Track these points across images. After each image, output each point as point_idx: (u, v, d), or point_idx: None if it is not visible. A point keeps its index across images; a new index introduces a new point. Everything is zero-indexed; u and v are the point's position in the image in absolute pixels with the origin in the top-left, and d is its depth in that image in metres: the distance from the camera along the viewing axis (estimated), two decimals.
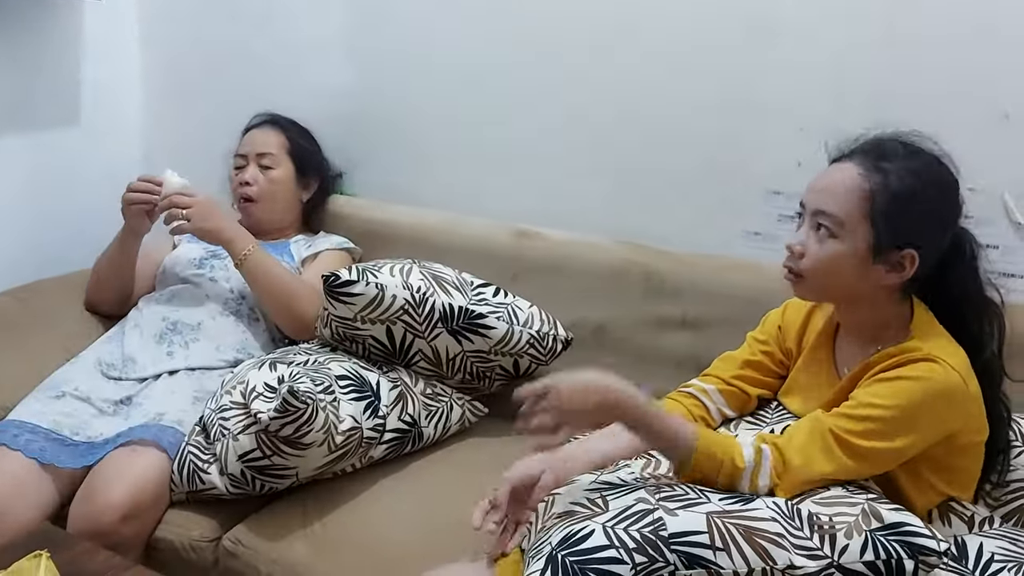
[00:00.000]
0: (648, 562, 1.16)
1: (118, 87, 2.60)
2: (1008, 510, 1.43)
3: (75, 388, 1.83)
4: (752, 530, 1.18)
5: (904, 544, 1.18)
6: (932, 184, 1.31)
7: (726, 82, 1.90)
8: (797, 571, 1.17)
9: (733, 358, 1.56)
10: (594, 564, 1.17)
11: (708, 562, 1.16)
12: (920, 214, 1.29)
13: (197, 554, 1.64)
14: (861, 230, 1.30)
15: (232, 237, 1.94)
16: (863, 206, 1.29)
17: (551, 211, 2.11)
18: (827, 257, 1.32)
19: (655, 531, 1.18)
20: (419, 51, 2.25)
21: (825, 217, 1.32)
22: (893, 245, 1.29)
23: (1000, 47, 1.66)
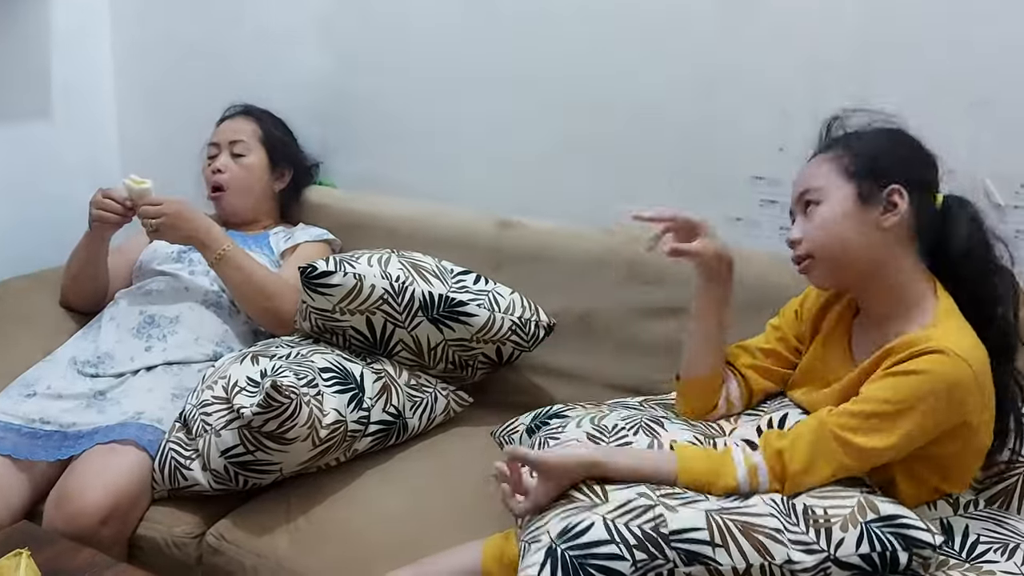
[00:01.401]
0: (648, 559, 1.17)
1: (89, 80, 2.57)
2: (992, 492, 1.43)
3: (47, 387, 1.80)
4: (750, 526, 1.18)
5: (899, 536, 1.19)
6: (894, 136, 1.37)
7: (706, 66, 1.89)
8: (795, 566, 1.17)
9: (749, 346, 1.55)
10: (594, 560, 1.17)
11: (707, 559, 1.17)
12: (892, 156, 1.35)
13: (180, 551, 1.62)
14: (842, 187, 1.34)
15: (205, 240, 1.91)
16: (837, 168, 1.35)
17: (533, 200, 2.10)
18: (820, 224, 1.35)
19: (656, 528, 1.18)
20: (396, 39, 2.23)
21: (808, 194, 1.37)
22: (876, 186, 1.32)
23: (978, 29, 1.66)
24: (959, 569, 1.21)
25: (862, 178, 1.33)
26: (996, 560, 1.26)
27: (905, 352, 1.26)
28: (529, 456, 1.30)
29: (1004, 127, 1.66)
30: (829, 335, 1.46)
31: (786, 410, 1.44)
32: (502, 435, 1.62)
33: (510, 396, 1.96)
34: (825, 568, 1.18)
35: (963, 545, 1.29)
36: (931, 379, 1.23)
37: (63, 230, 2.12)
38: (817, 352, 1.47)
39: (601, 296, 1.93)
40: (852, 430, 1.25)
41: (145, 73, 2.60)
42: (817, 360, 1.47)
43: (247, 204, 2.16)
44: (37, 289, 2.17)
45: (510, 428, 1.61)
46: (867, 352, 1.35)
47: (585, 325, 1.93)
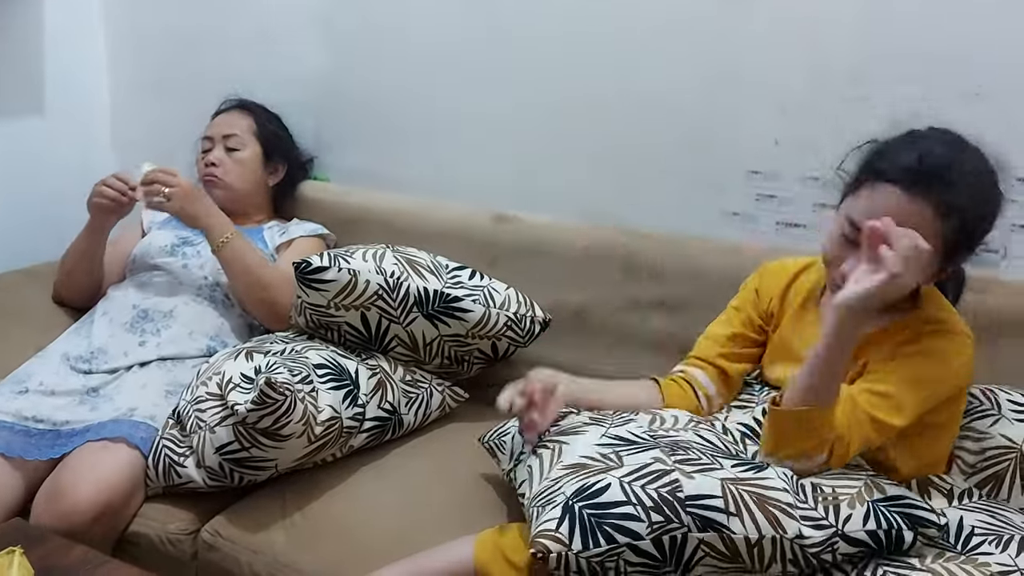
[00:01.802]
0: (664, 521, 1.18)
1: (83, 74, 2.57)
2: (983, 477, 1.45)
3: (40, 383, 1.79)
4: (765, 498, 1.20)
5: (905, 516, 1.22)
6: (990, 198, 1.32)
7: (703, 60, 1.89)
8: (805, 541, 1.19)
9: (715, 335, 1.58)
10: (611, 519, 1.18)
11: (721, 526, 1.18)
12: (984, 227, 1.33)
13: (175, 547, 1.61)
14: (932, 260, 1.28)
15: (212, 223, 1.92)
16: (940, 237, 1.27)
17: (529, 194, 2.09)
18: (894, 287, 1.27)
19: (672, 492, 1.20)
20: (391, 33, 2.23)
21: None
22: (959, 261, 1.36)
23: (973, 23, 1.66)
24: (955, 561, 1.22)
25: (951, 256, 1.31)
26: (991, 552, 1.27)
27: (915, 331, 1.34)
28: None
29: (1000, 121, 1.66)
30: (801, 311, 1.49)
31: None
32: (491, 440, 1.62)
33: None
34: (833, 543, 1.20)
35: (958, 537, 1.30)
36: (947, 360, 1.34)
37: (56, 225, 2.12)
38: (790, 328, 1.50)
39: (597, 291, 1.92)
40: (884, 409, 1.30)
41: (138, 68, 2.59)
42: (792, 335, 1.50)
43: (240, 198, 2.15)
44: (29, 284, 2.16)
45: (500, 431, 1.61)
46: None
47: (580, 320, 1.93)
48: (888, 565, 1.21)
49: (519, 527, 1.36)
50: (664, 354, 1.82)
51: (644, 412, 1.45)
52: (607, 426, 1.41)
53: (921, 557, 1.22)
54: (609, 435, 1.36)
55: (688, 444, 1.33)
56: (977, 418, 1.47)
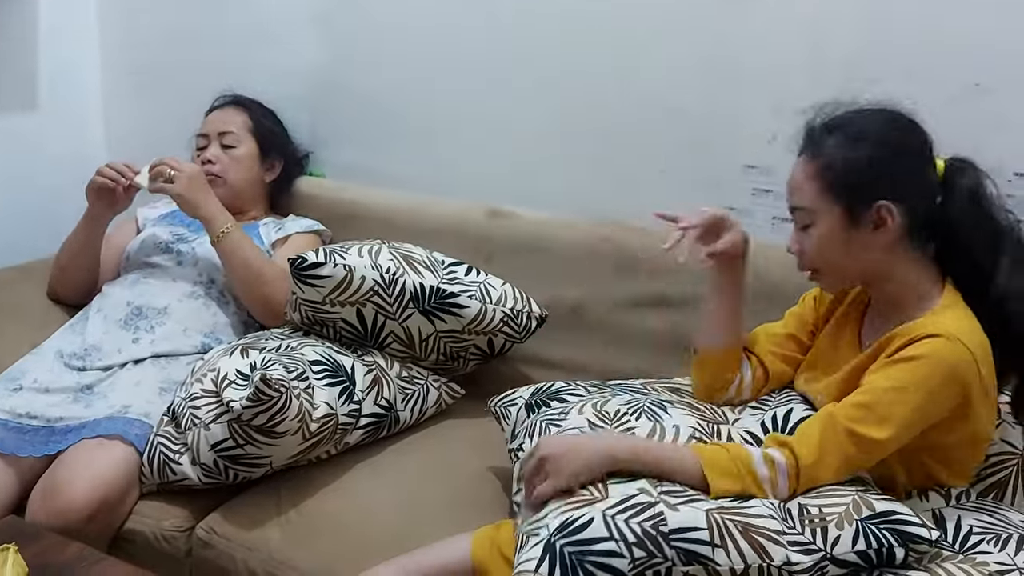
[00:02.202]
0: (647, 557, 1.16)
1: (77, 71, 2.56)
2: (986, 485, 1.43)
3: (34, 380, 1.78)
4: (750, 527, 1.18)
5: (895, 532, 1.19)
6: (877, 139, 1.32)
7: (700, 56, 1.89)
8: (793, 567, 1.17)
9: (771, 331, 1.56)
10: (592, 556, 1.16)
11: (706, 559, 1.16)
12: (875, 168, 1.31)
13: (170, 544, 1.61)
14: (829, 208, 1.32)
15: (213, 214, 1.91)
16: (819, 186, 1.32)
17: (525, 190, 2.09)
18: (816, 245, 1.35)
19: (655, 526, 1.18)
20: (386, 28, 2.22)
21: (799, 212, 1.36)
22: (862, 206, 1.30)
23: (971, 19, 1.66)
24: (952, 561, 1.21)
25: (847, 199, 1.31)
26: (989, 551, 1.26)
27: (904, 339, 1.28)
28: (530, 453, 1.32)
29: (997, 116, 1.66)
30: (840, 322, 1.47)
31: (791, 404, 1.44)
32: (499, 406, 1.62)
33: (502, 388, 1.93)
34: (823, 567, 1.18)
35: (956, 536, 1.29)
36: (929, 363, 1.25)
37: (50, 222, 2.11)
38: (828, 338, 1.48)
39: (593, 287, 1.92)
40: (858, 421, 1.26)
41: (132, 63, 2.58)
42: (827, 346, 1.48)
43: (237, 195, 2.14)
44: (23, 280, 2.15)
45: (508, 399, 1.61)
46: (872, 335, 1.38)
47: (577, 316, 1.93)
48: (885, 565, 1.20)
49: (516, 524, 1.36)
50: (660, 350, 1.82)
51: (647, 417, 1.42)
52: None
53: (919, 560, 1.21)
54: None
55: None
56: None
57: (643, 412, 1.44)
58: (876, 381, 1.28)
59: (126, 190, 1.95)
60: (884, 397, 1.26)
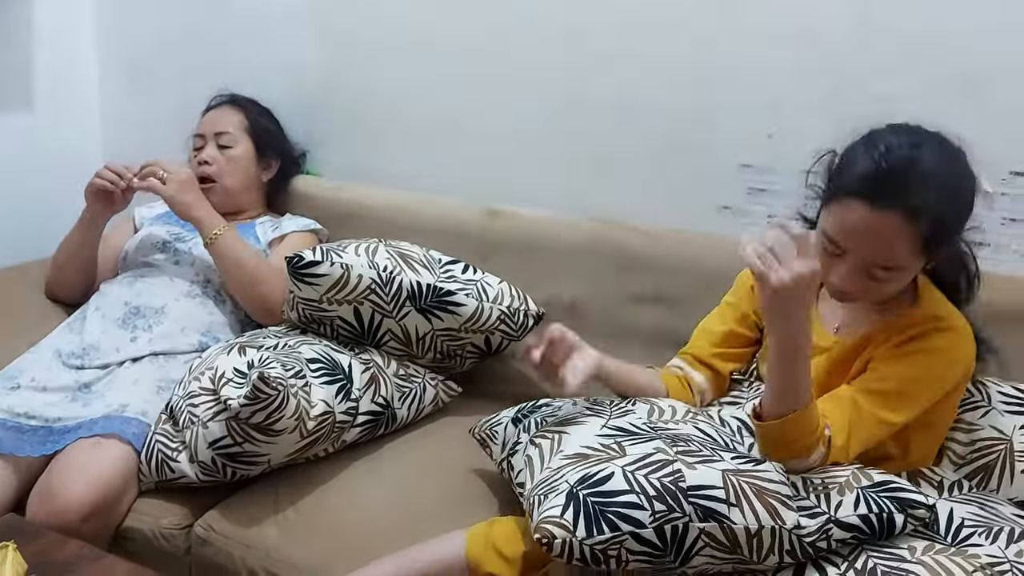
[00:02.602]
0: (666, 511, 1.19)
1: (73, 71, 2.56)
2: (972, 468, 1.47)
3: (32, 379, 1.78)
4: (764, 490, 1.21)
5: (894, 499, 1.23)
6: (963, 188, 1.31)
7: (695, 55, 1.89)
8: (802, 531, 1.20)
9: (709, 331, 1.59)
10: (615, 507, 1.19)
11: (722, 516, 1.19)
12: (963, 218, 1.33)
13: (169, 542, 1.61)
14: (918, 260, 1.31)
15: (204, 216, 1.92)
16: (914, 246, 1.28)
17: (522, 189, 2.09)
18: (889, 291, 1.35)
19: (675, 482, 1.21)
20: (382, 28, 2.22)
21: (882, 267, 1.30)
22: (940, 252, 1.34)
23: (967, 16, 1.66)
24: (945, 553, 1.22)
25: (932, 251, 1.31)
26: (981, 543, 1.28)
27: (917, 329, 1.34)
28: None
29: (992, 114, 1.67)
30: None
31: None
32: (482, 431, 1.62)
33: (499, 386, 1.96)
34: (827, 529, 1.21)
35: (948, 529, 1.31)
36: (950, 358, 1.36)
37: (46, 221, 2.11)
38: None
39: (590, 285, 1.92)
40: (882, 407, 1.32)
41: (129, 63, 2.58)
42: None
43: (234, 195, 2.15)
44: (20, 280, 2.15)
45: (492, 422, 1.61)
46: (850, 322, 1.43)
47: (574, 315, 1.93)
48: (878, 557, 1.21)
49: (511, 520, 1.37)
50: (657, 348, 1.82)
51: (642, 402, 1.46)
52: (606, 417, 1.41)
53: (911, 549, 1.22)
54: (610, 426, 1.37)
55: (688, 436, 1.33)
56: (968, 410, 1.48)
57: (637, 399, 1.48)
58: (894, 370, 1.34)
59: (124, 192, 1.96)
60: (904, 386, 1.33)
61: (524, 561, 1.30)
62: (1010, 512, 1.35)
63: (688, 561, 1.21)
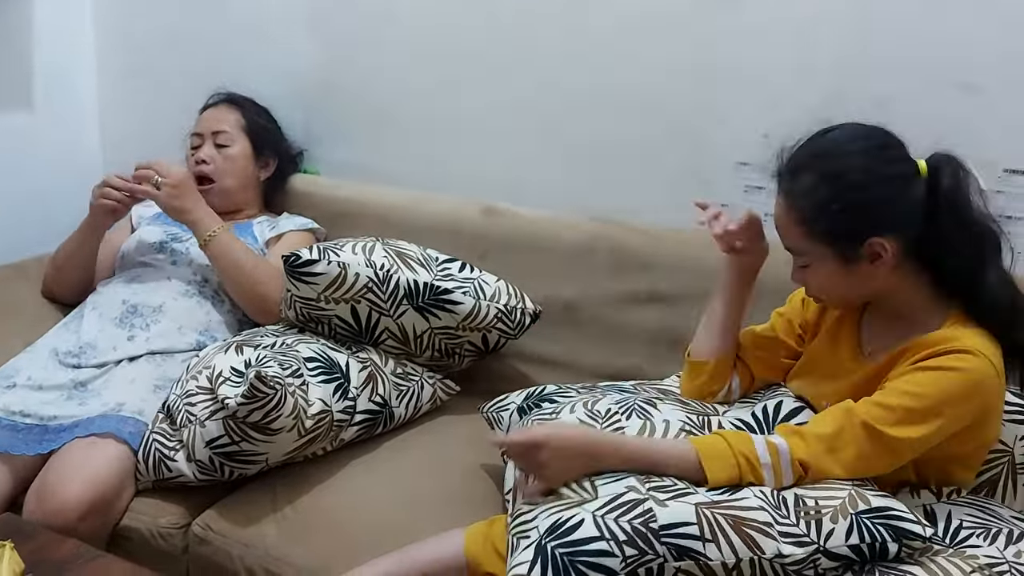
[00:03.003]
0: (638, 555, 1.16)
1: (72, 70, 2.55)
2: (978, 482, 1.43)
3: (28, 378, 1.78)
4: (740, 520, 1.19)
5: (889, 528, 1.19)
6: (852, 177, 1.27)
7: (692, 53, 1.89)
8: (785, 559, 1.18)
9: (756, 333, 1.55)
10: (584, 556, 1.16)
11: (697, 554, 1.17)
12: (856, 210, 1.27)
13: (166, 541, 1.61)
14: (821, 252, 1.31)
15: (199, 218, 1.92)
16: (804, 232, 1.30)
17: (519, 188, 2.09)
18: (818, 283, 1.36)
19: (645, 523, 1.18)
20: (380, 27, 2.22)
21: (792, 253, 1.35)
22: (852, 246, 1.28)
23: (963, 16, 1.67)
24: (943, 555, 1.22)
25: (835, 243, 1.29)
26: (979, 545, 1.26)
27: (931, 349, 1.27)
28: (513, 440, 1.31)
29: (989, 112, 1.67)
30: (837, 328, 1.45)
31: (781, 398, 1.45)
32: (491, 411, 1.62)
33: (496, 384, 1.95)
34: (815, 560, 1.18)
35: (947, 530, 1.30)
36: (961, 377, 1.25)
37: (44, 220, 2.11)
38: (823, 345, 1.47)
39: (587, 284, 1.92)
40: (882, 421, 1.25)
41: (127, 62, 2.58)
42: (824, 352, 1.46)
43: (232, 194, 2.15)
44: (18, 279, 2.15)
45: (499, 405, 1.61)
46: (880, 347, 1.37)
47: (571, 313, 1.93)
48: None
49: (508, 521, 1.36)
50: (655, 346, 1.83)
51: (637, 415, 1.42)
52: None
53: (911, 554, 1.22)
54: None
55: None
56: None
57: (633, 411, 1.44)
58: (903, 386, 1.27)
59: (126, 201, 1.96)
60: (906, 400, 1.25)
61: None
62: (1009, 515, 1.34)
63: None
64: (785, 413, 1.42)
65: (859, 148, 1.29)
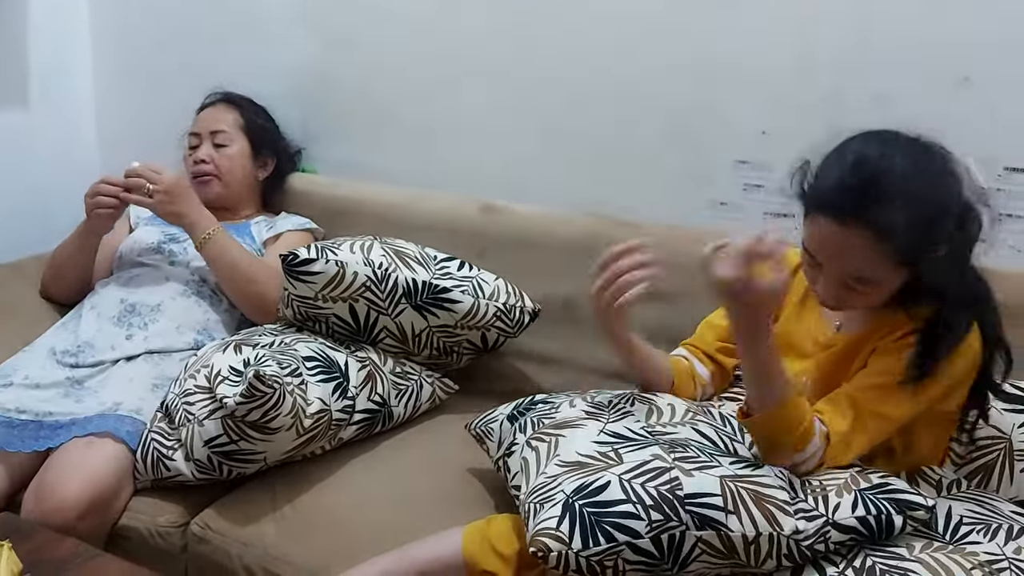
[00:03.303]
0: (663, 520, 1.18)
1: (68, 67, 2.55)
2: (973, 468, 1.46)
3: (25, 376, 1.78)
4: (762, 496, 1.21)
5: (892, 501, 1.23)
6: (932, 196, 1.25)
7: (691, 51, 1.89)
8: (799, 535, 1.20)
9: (715, 325, 1.57)
10: (611, 518, 1.18)
11: (719, 524, 1.19)
12: (936, 225, 1.25)
13: (165, 540, 1.61)
14: (896, 274, 1.29)
15: (194, 221, 1.91)
16: (888, 257, 1.25)
17: (517, 185, 2.09)
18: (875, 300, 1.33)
19: (671, 490, 1.20)
20: (378, 25, 2.22)
21: (857, 281, 1.29)
22: (927, 256, 1.27)
23: (961, 13, 1.66)
24: (943, 551, 1.22)
25: (911, 261, 1.27)
26: (979, 541, 1.27)
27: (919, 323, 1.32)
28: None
29: (988, 109, 1.67)
30: (802, 302, 1.49)
31: None
32: (478, 427, 1.62)
33: (496, 383, 1.96)
34: (825, 532, 1.21)
35: (947, 527, 1.30)
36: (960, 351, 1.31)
37: (41, 219, 2.11)
38: (790, 323, 1.50)
39: (586, 282, 1.90)
40: (881, 402, 1.31)
41: (124, 60, 2.57)
42: (794, 327, 1.49)
43: (230, 194, 2.15)
44: (15, 278, 2.14)
45: (488, 419, 1.60)
46: (847, 318, 1.41)
47: (570, 311, 1.93)
48: (877, 556, 1.21)
49: (508, 518, 1.37)
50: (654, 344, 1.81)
51: (640, 402, 1.44)
52: (604, 421, 1.40)
53: (910, 547, 1.22)
54: (607, 431, 1.36)
55: (686, 441, 1.32)
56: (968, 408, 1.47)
57: (635, 399, 1.47)
58: (893, 363, 1.31)
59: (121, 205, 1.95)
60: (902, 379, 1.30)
61: (520, 559, 1.30)
62: (1008, 510, 1.35)
63: (685, 567, 1.21)
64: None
65: (936, 171, 1.26)
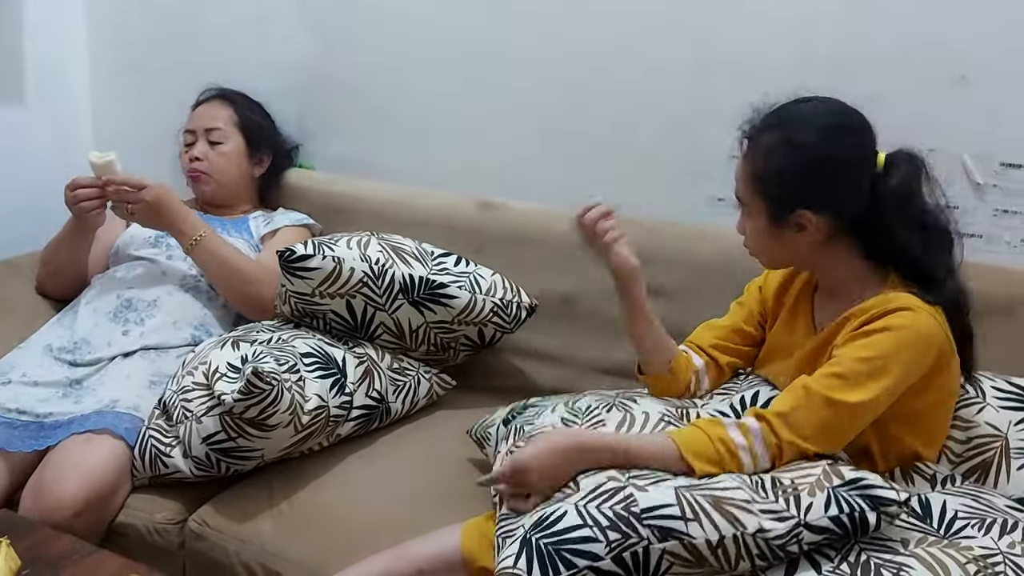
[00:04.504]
0: (622, 538, 1.18)
1: (64, 64, 2.54)
2: (970, 466, 1.45)
3: (23, 374, 1.78)
4: (720, 499, 1.20)
5: (865, 497, 1.21)
6: (810, 150, 1.32)
7: (688, 50, 1.89)
8: (768, 534, 1.19)
9: (715, 325, 1.59)
10: (569, 544, 1.18)
11: (680, 533, 1.18)
12: (799, 180, 1.33)
13: (162, 537, 1.61)
14: (757, 205, 1.37)
15: (181, 227, 1.89)
16: (750, 183, 1.37)
17: (515, 182, 2.09)
18: (751, 233, 1.41)
19: (627, 507, 1.20)
20: (374, 20, 2.21)
21: (739, 201, 1.41)
22: (785, 211, 1.34)
23: (958, 11, 1.67)
24: (937, 546, 1.22)
25: (769, 202, 1.35)
26: (974, 535, 1.27)
27: (871, 313, 1.31)
28: (502, 474, 1.31)
29: (984, 106, 1.67)
30: (793, 309, 1.50)
31: (757, 387, 1.46)
32: (478, 431, 1.63)
33: (493, 379, 1.96)
34: (797, 534, 1.20)
35: (941, 521, 1.30)
36: (903, 334, 1.29)
37: (37, 216, 2.10)
38: (783, 328, 1.51)
39: (584, 277, 1.91)
40: (837, 389, 1.28)
41: (119, 57, 2.57)
42: (783, 334, 1.50)
43: (226, 191, 2.14)
44: (10, 275, 2.14)
45: (486, 423, 1.61)
46: (826, 320, 1.41)
47: (568, 306, 1.93)
48: (871, 550, 1.21)
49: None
50: None
51: (617, 409, 1.44)
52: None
53: (904, 542, 1.22)
54: None
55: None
56: (963, 407, 1.46)
57: (613, 405, 1.46)
58: (847, 352, 1.31)
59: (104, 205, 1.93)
60: (857, 366, 1.29)
61: None
62: (1003, 504, 1.35)
63: None
64: (763, 402, 1.42)
65: (823, 125, 1.34)
